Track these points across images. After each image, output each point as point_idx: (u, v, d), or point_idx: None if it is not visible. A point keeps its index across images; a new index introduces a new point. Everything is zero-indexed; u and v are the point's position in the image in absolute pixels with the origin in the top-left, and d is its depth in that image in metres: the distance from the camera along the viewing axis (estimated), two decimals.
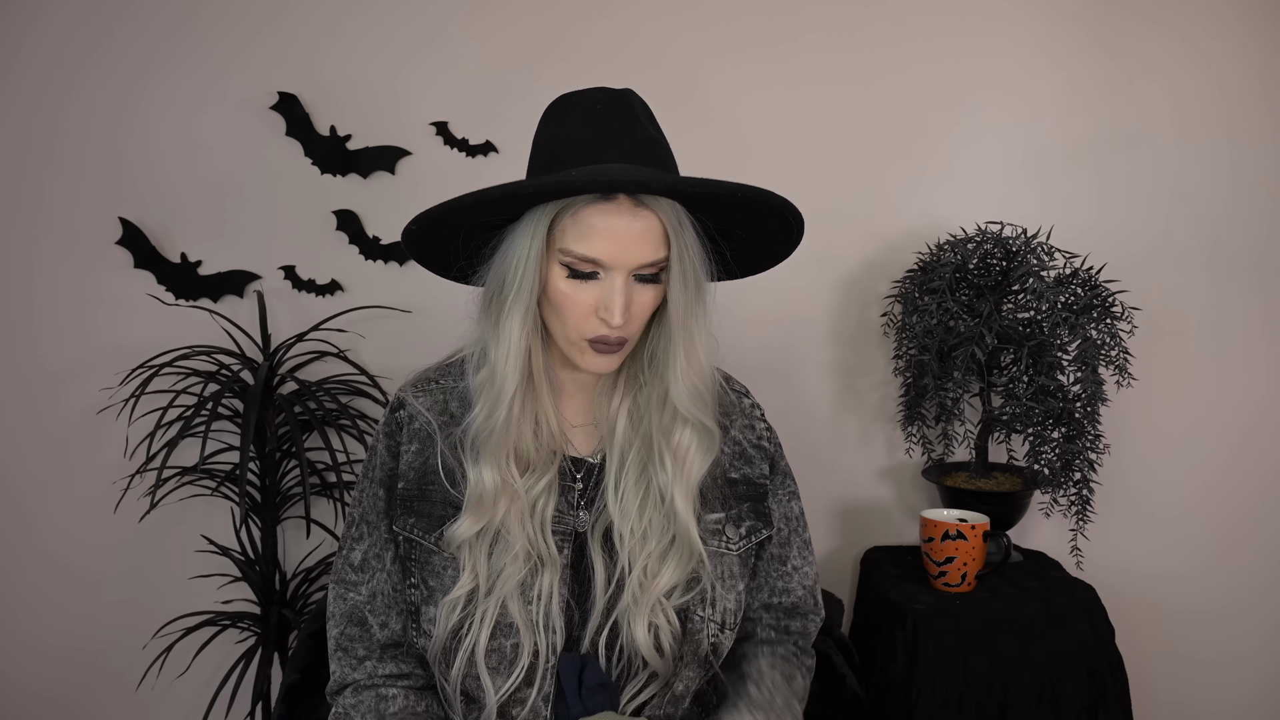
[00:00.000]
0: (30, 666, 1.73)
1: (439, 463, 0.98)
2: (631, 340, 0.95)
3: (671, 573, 0.95)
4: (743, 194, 0.89)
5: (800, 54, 1.72)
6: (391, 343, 1.70)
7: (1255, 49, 1.74)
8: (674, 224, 0.90)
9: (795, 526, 1.09)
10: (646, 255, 0.89)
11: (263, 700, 1.56)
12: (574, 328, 0.92)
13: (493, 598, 0.93)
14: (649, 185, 0.86)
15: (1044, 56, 1.73)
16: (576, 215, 0.88)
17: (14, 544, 1.70)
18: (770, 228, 0.96)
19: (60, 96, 1.63)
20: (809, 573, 1.09)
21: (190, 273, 1.67)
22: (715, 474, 1.00)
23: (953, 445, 1.73)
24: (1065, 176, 1.76)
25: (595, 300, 0.90)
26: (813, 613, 1.09)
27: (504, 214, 0.92)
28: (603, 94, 0.95)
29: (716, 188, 0.87)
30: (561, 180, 0.86)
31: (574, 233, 0.88)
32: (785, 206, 0.92)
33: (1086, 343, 1.48)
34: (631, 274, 0.90)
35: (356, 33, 1.66)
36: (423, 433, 1.00)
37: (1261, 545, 1.83)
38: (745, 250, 1.00)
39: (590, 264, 0.89)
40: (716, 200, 0.91)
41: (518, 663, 0.93)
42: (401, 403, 1.03)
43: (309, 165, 1.67)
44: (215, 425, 1.51)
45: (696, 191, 0.88)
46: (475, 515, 0.94)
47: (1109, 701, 1.44)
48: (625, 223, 0.88)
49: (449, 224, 0.94)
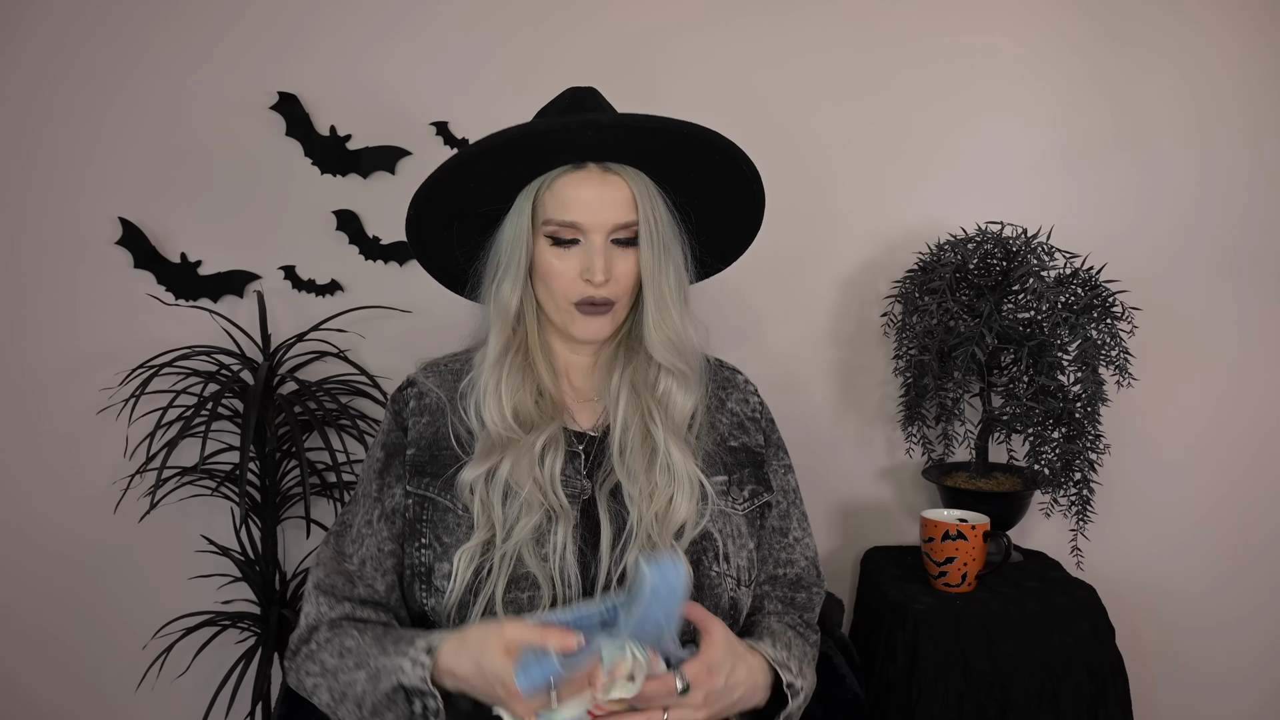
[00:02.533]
0: (30, 666, 1.73)
1: (450, 431, 1.04)
2: (619, 307, 1.05)
3: (682, 508, 1.00)
4: (688, 130, 0.99)
5: (799, 53, 1.72)
6: (391, 343, 1.70)
7: (1264, 46, 1.74)
8: (641, 190, 1.02)
9: (793, 499, 1.14)
10: (617, 217, 1.01)
11: (263, 700, 1.56)
12: (562, 294, 1.03)
13: (509, 544, 0.96)
14: (599, 122, 0.98)
15: (1045, 56, 1.73)
16: (553, 188, 1.02)
17: (14, 544, 1.70)
18: (730, 187, 1.08)
19: (59, 96, 1.63)
20: (809, 544, 1.14)
21: (190, 273, 1.67)
22: (716, 440, 1.09)
23: (953, 445, 1.73)
24: (1065, 176, 1.75)
25: (579, 265, 1.02)
26: (815, 585, 1.12)
27: (490, 185, 1.03)
28: (586, 89, 1.09)
29: (664, 123, 0.98)
30: (525, 128, 0.98)
31: (552, 204, 1.01)
32: (733, 150, 1.03)
33: (1087, 343, 1.48)
34: (608, 238, 1.02)
35: (357, 33, 1.66)
36: (433, 406, 1.07)
37: (1261, 545, 1.83)
38: (715, 228, 1.11)
39: (570, 229, 1.01)
40: (666, 140, 1.00)
41: (534, 615, 0.94)
42: (411, 381, 1.11)
43: (309, 165, 1.67)
44: (215, 425, 1.51)
45: (644, 127, 0.98)
46: (481, 460, 1.00)
47: (1109, 701, 1.44)
48: (595, 189, 1.01)
49: (444, 208, 1.07)
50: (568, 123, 0.98)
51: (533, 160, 1.02)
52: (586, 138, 0.99)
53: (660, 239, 1.03)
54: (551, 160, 1.02)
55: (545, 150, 1.01)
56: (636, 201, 1.02)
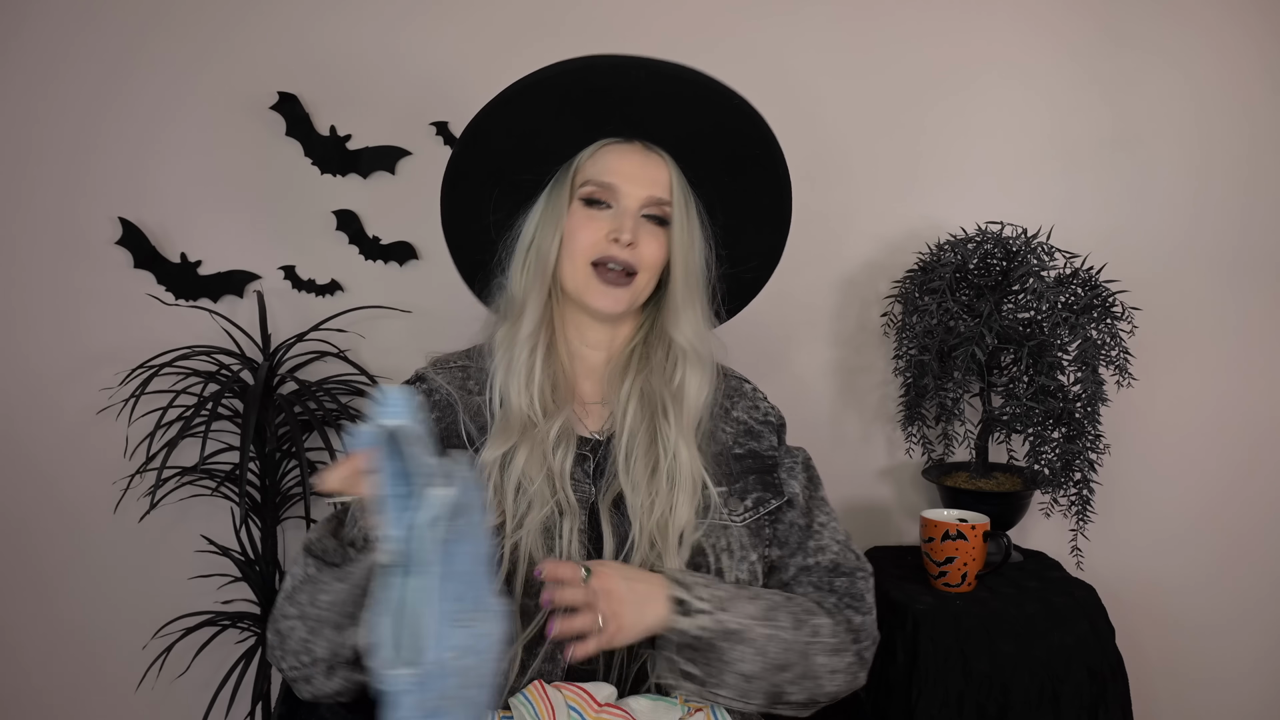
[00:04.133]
0: (30, 666, 1.73)
1: (461, 429, 1.04)
2: (638, 284, 1.04)
3: (683, 512, 0.99)
4: (737, 102, 1.04)
5: (798, 52, 1.72)
6: (391, 343, 1.70)
7: (1263, 47, 1.74)
8: (678, 178, 1.05)
9: (812, 492, 1.11)
10: (654, 190, 1.04)
11: (263, 700, 1.56)
12: (583, 253, 1.03)
13: (520, 534, 0.96)
14: (652, 64, 1.00)
15: (1045, 56, 1.73)
16: (595, 155, 1.05)
17: (14, 544, 1.70)
18: (760, 201, 1.11)
19: (59, 95, 1.63)
20: (837, 528, 1.10)
21: (190, 273, 1.67)
22: (718, 450, 1.06)
23: (953, 445, 1.73)
24: (1065, 176, 1.76)
25: (607, 227, 1.02)
26: (858, 569, 1.07)
27: (536, 140, 1.05)
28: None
29: (714, 82, 1.03)
30: (579, 60, 1.00)
31: (593, 168, 1.04)
32: (770, 140, 1.08)
33: (1087, 343, 1.48)
34: (641, 210, 1.03)
35: (357, 32, 1.66)
36: (444, 403, 1.06)
37: (1261, 544, 1.83)
38: (736, 249, 1.12)
39: (606, 190, 1.03)
40: (712, 122, 1.04)
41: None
42: (421, 377, 1.10)
43: (309, 165, 1.66)
44: (215, 425, 1.51)
45: (696, 80, 1.02)
46: (499, 440, 1.00)
47: (1109, 702, 1.44)
48: (638, 158, 1.04)
49: (486, 158, 1.07)
50: (621, 59, 1.00)
51: (582, 116, 1.03)
52: (639, 87, 1.01)
53: (690, 228, 1.05)
54: (600, 126, 1.04)
55: (596, 108, 1.02)
56: (674, 185, 1.04)
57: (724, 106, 1.04)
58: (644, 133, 1.05)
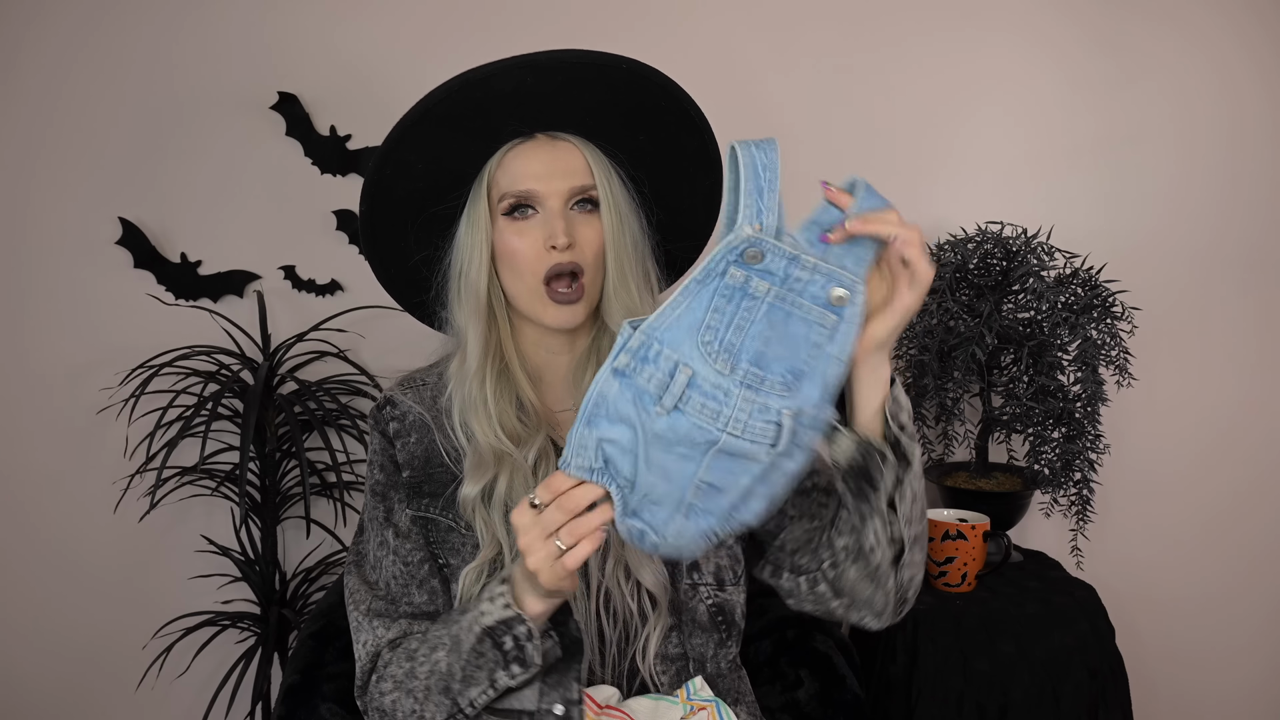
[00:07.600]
0: (30, 666, 1.73)
1: (440, 449, 1.01)
2: (588, 283, 0.99)
3: None
4: (627, 65, 0.98)
5: (798, 53, 1.72)
6: (391, 343, 1.70)
7: (1258, 48, 1.74)
8: (593, 156, 1.00)
9: None
10: (572, 180, 0.98)
11: (263, 700, 1.56)
12: (530, 272, 0.98)
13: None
14: (534, 60, 0.95)
15: (1045, 56, 1.73)
16: (503, 163, 0.99)
17: (14, 544, 1.70)
18: (682, 144, 1.05)
19: (58, 95, 1.63)
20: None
21: (190, 273, 1.67)
22: None
23: (953, 445, 1.73)
24: (1065, 176, 1.75)
25: (540, 237, 0.97)
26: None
27: (439, 170, 1.01)
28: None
29: (598, 56, 0.97)
30: (456, 78, 0.96)
31: (505, 179, 0.98)
32: (672, 87, 1.01)
33: (1087, 343, 1.48)
34: (567, 204, 0.98)
35: (357, 32, 1.66)
36: (418, 424, 1.04)
37: (1261, 544, 1.83)
38: (678, 201, 1.07)
39: (525, 197, 0.98)
40: (608, 88, 0.99)
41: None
42: (390, 400, 1.06)
43: (309, 165, 1.67)
44: (215, 425, 1.51)
45: (579, 61, 0.97)
46: (476, 475, 0.97)
47: (1109, 702, 1.44)
48: (547, 154, 0.99)
49: (395, 201, 1.02)
50: (502, 63, 0.95)
51: (477, 132, 0.98)
52: (526, 84, 0.96)
53: (617, 206, 1.00)
54: (498, 134, 0.99)
55: (488, 118, 0.98)
56: (591, 166, 0.99)
57: (616, 75, 0.99)
58: (544, 125, 1.00)
